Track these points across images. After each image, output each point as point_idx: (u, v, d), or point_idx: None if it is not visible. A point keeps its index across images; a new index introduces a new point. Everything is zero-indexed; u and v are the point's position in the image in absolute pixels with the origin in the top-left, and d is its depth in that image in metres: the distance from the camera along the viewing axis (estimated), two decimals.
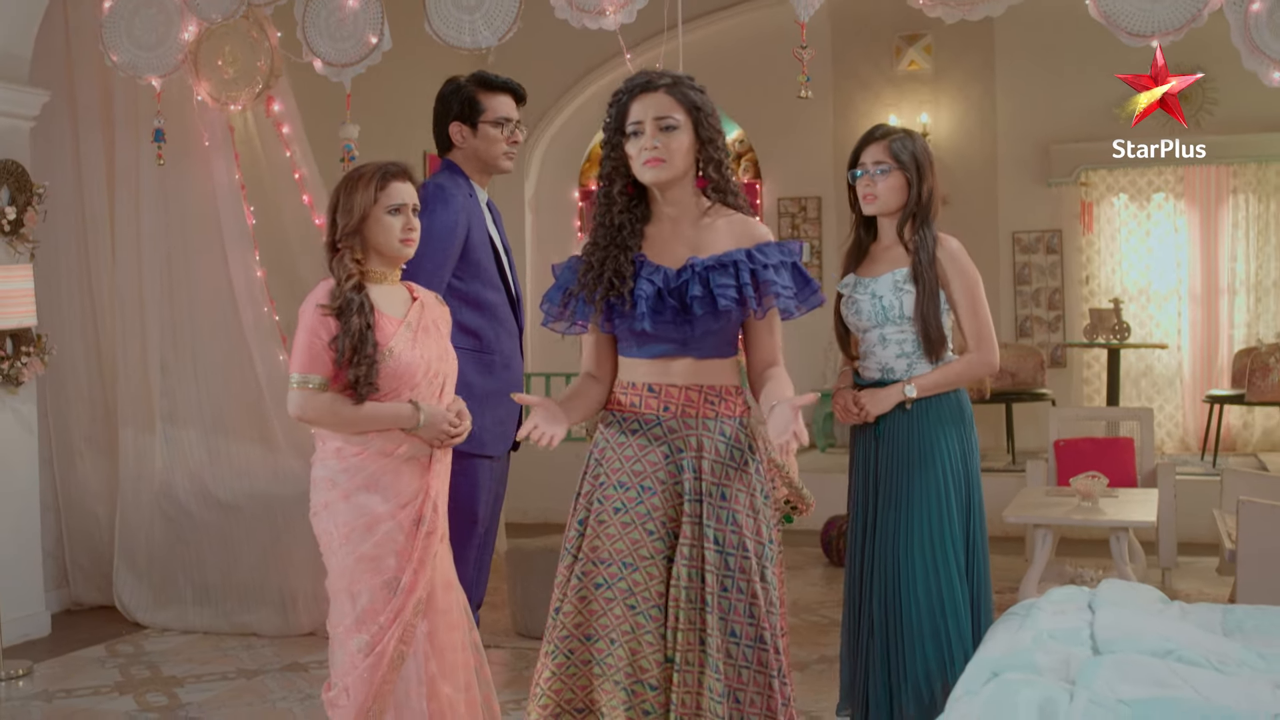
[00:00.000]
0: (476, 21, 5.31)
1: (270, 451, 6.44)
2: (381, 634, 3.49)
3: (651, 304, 3.08)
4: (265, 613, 6.31)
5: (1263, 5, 4.53)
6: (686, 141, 3.13)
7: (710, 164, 3.18)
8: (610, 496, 3.13)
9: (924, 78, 10.31)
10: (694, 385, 3.14)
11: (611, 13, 5.16)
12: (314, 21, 5.57)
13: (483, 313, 4.07)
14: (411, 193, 3.59)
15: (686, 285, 3.08)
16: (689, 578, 3.04)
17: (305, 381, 3.52)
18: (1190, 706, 2.36)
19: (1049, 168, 10.04)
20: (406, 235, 3.56)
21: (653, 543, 3.08)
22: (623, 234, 3.16)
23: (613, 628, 3.07)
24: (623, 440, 3.16)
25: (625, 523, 3.10)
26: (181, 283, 6.66)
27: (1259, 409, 9.71)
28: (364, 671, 3.48)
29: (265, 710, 5.13)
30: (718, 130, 3.19)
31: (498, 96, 4.18)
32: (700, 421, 3.12)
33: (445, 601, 3.61)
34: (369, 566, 3.52)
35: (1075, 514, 5.85)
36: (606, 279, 3.12)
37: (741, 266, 3.08)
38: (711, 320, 3.08)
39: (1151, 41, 4.66)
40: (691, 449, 3.10)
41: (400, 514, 3.53)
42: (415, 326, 3.58)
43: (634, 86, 3.16)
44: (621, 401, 3.21)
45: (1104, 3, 4.66)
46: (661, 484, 3.10)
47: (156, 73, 5.94)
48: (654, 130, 3.11)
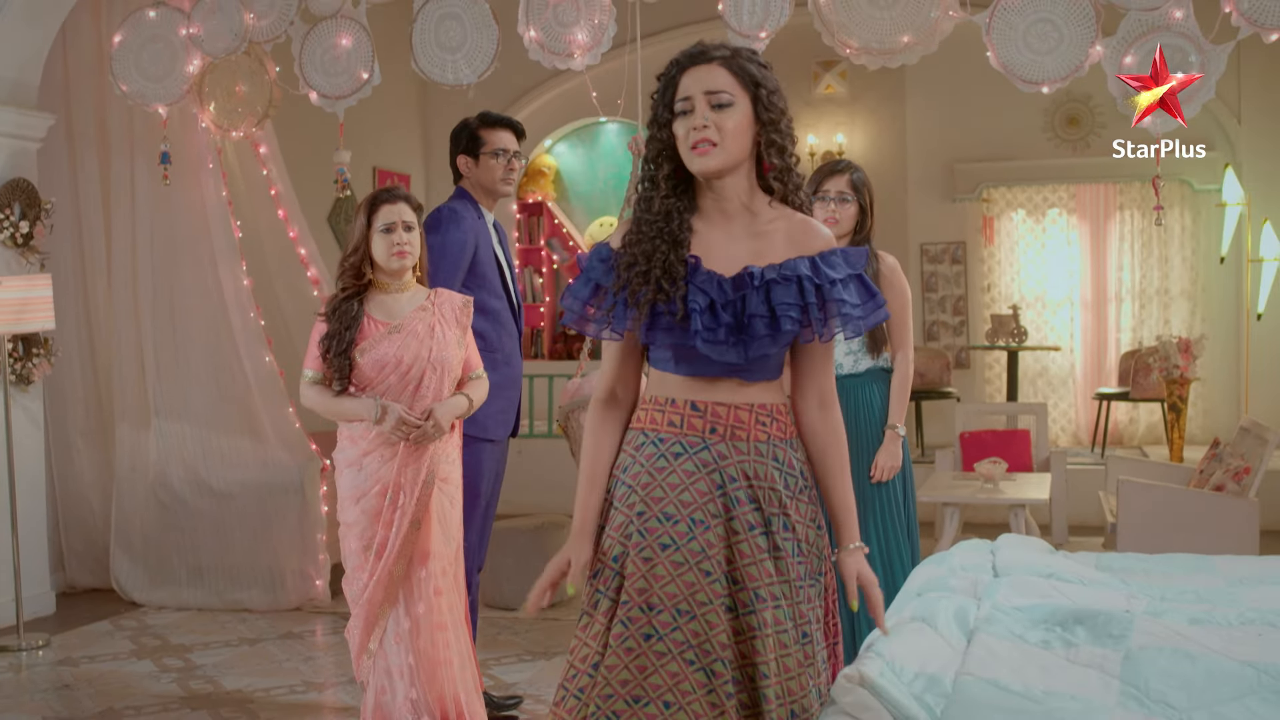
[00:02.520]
0: (458, 60, 6.02)
1: (259, 444, 7.08)
2: (363, 589, 4.26)
3: (706, 319, 2.62)
4: (256, 590, 6.95)
5: (1134, 59, 5.37)
6: (743, 121, 2.65)
7: (773, 149, 2.69)
8: (654, 530, 2.64)
9: (840, 101, 11.13)
10: (744, 404, 2.68)
11: (579, 55, 5.89)
12: (310, 58, 6.23)
13: (488, 317, 4.80)
14: (400, 211, 4.28)
15: (745, 299, 2.63)
16: (757, 629, 2.60)
17: (305, 375, 4.31)
18: (1064, 607, 3.16)
19: (954, 185, 10.89)
20: (397, 249, 4.27)
21: (710, 585, 2.60)
22: (671, 224, 2.69)
23: (665, 688, 2.56)
24: (663, 465, 2.67)
25: (677, 562, 2.61)
26: (174, 290, 7.27)
27: (1142, 405, 10.65)
28: (357, 618, 4.29)
29: (274, 668, 5.79)
30: (782, 111, 2.70)
31: (497, 131, 4.92)
32: (752, 445, 2.67)
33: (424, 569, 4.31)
34: (353, 530, 4.30)
35: (979, 494, 6.68)
36: (654, 280, 2.64)
37: (806, 283, 2.63)
38: (770, 342, 2.63)
39: (1041, 88, 5.48)
40: (744, 478, 2.66)
41: (374, 490, 4.25)
42: (403, 329, 4.28)
43: (685, 58, 2.72)
44: (658, 420, 2.71)
45: (1002, 55, 5.48)
46: (715, 517, 2.63)
47: (162, 101, 6.56)
48: (705, 107, 2.64)
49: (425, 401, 4.25)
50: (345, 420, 4.28)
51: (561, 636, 6.22)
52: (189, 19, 6.42)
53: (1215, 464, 7.02)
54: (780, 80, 2.72)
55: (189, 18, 6.43)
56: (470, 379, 4.43)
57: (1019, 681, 2.67)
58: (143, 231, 7.25)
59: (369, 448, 4.25)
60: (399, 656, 4.26)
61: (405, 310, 4.30)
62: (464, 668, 4.34)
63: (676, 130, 2.67)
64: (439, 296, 4.37)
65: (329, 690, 5.50)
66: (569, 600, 6.94)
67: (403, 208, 4.27)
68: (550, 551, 6.86)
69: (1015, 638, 2.99)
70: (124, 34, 6.58)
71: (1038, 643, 2.96)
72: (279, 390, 7.18)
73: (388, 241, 4.24)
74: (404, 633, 4.26)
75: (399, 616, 4.26)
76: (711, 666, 2.57)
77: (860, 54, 5.65)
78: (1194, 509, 6.45)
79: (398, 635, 4.27)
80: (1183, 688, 2.66)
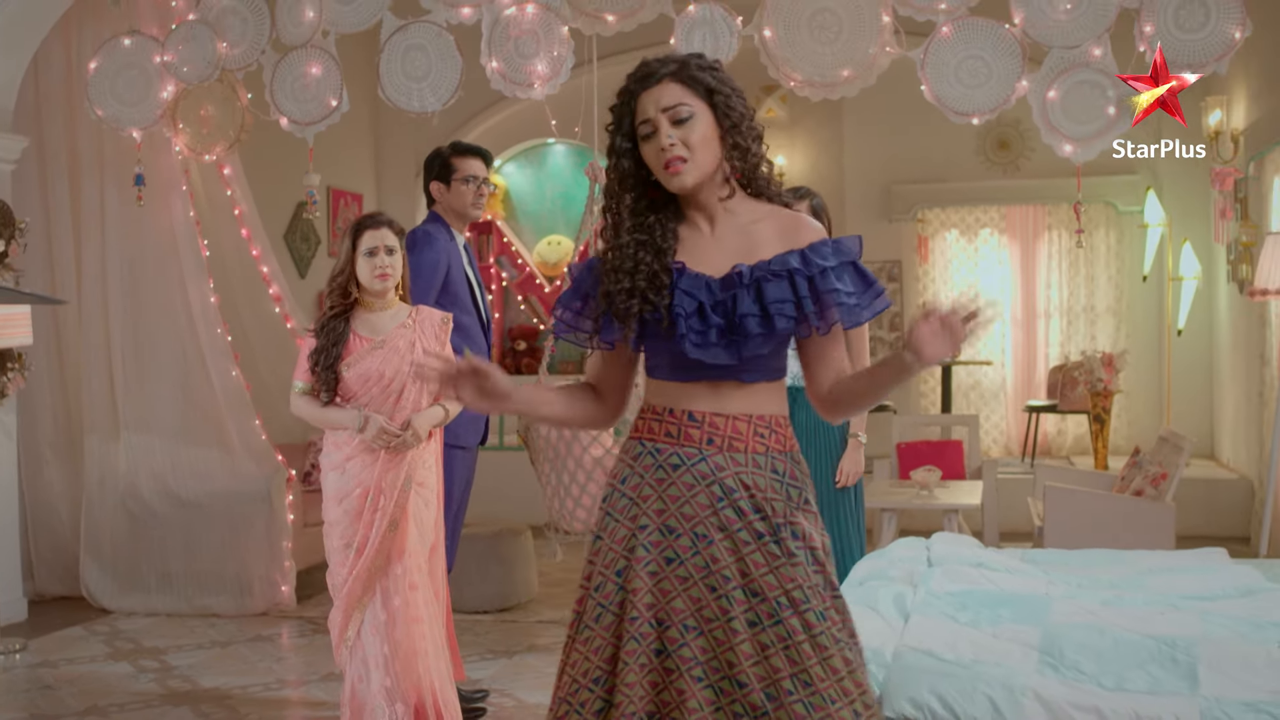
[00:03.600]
0: (424, 89, 6.33)
1: (228, 455, 7.35)
2: (343, 583, 4.57)
3: (694, 323, 2.61)
4: (224, 596, 7.21)
5: (1057, 93, 5.78)
6: (707, 131, 2.63)
7: (735, 152, 2.66)
8: (658, 543, 2.63)
9: (780, 124, 11.53)
10: (743, 415, 2.66)
11: (539, 85, 6.23)
12: (281, 85, 6.52)
13: (459, 332, 5.13)
14: (382, 236, 4.61)
15: (735, 299, 2.61)
16: (788, 637, 2.54)
17: (295, 386, 4.64)
18: (992, 592, 3.54)
19: (890, 206, 11.31)
20: (379, 272, 4.60)
21: (717, 601, 2.57)
22: (654, 235, 2.67)
23: (674, 704, 2.56)
24: (662, 477, 2.65)
25: (683, 577, 2.60)
26: (143, 307, 7.52)
27: (1070, 417, 11.12)
28: (337, 609, 4.60)
29: (248, 668, 6.06)
30: (742, 113, 2.67)
31: (467, 159, 5.27)
32: (750, 457, 2.65)
33: (401, 566, 4.63)
34: (335, 529, 4.62)
35: (915, 500, 7.08)
36: (639, 291, 2.63)
37: (798, 275, 2.61)
38: (764, 341, 2.62)
39: (972, 119, 5.89)
40: (744, 489, 2.62)
41: (355, 493, 4.57)
42: (386, 345, 4.61)
43: (635, 82, 2.68)
44: (655, 430, 2.70)
45: (935, 88, 5.88)
46: (719, 531, 2.60)
47: (137, 125, 6.83)
48: (667, 125, 2.62)
49: (405, 412, 4.57)
50: (331, 428, 4.59)
51: (520, 637, 6.55)
52: (163, 47, 6.70)
53: (1135, 471, 7.46)
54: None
55: (163, 46, 6.70)
56: None
57: (950, 652, 3.04)
58: (112, 250, 7.49)
59: (352, 453, 4.56)
60: (375, 646, 4.56)
61: (388, 327, 4.61)
62: (438, 658, 4.65)
63: (645, 155, 2.65)
64: (420, 314, 4.69)
65: (303, 687, 5.79)
66: (526, 603, 7.27)
67: (385, 232, 4.59)
68: (508, 557, 7.19)
69: (947, 617, 3.37)
70: (100, 61, 6.85)
71: (967, 621, 3.34)
72: (246, 403, 7.45)
73: (371, 264, 4.56)
74: (380, 624, 4.56)
75: (376, 609, 4.56)
76: (719, 684, 2.54)
77: (804, 86, 6.03)
78: (1115, 513, 6.88)
79: (374, 626, 4.57)
80: (1093, 657, 3.04)
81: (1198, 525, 8.58)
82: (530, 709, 5.36)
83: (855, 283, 2.62)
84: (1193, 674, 2.93)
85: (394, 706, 4.53)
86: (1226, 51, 5.60)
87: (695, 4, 6.02)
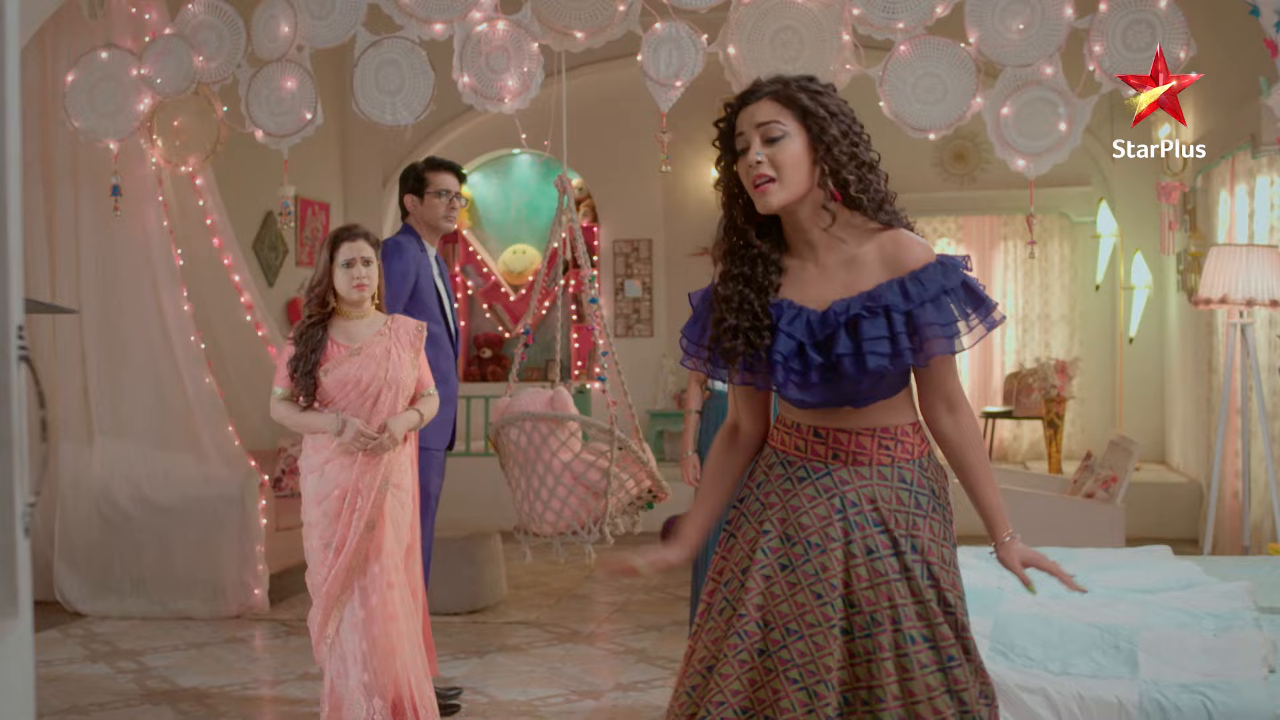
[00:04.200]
0: (397, 103, 6.49)
1: (201, 461, 7.47)
2: (323, 582, 4.72)
3: (793, 365, 2.65)
4: (197, 599, 7.33)
5: (1010, 110, 6.00)
6: (798, 151, 2.63)
7: (833, 175, 2.64)
8: (776, 549, 2.70)
9: None
10: (865, 429, 2.68)
11: (509, 99, 6.40)
12: (256, 98, 6.67)
13: (427, 341, 5.29)
14: (359, 248, 4.78)
15: (834, 338, 2.62)
16: (873, 653, 2.58)
17: (275, 392, 4.79)
18: None
19: None
20: (355, 282, 4.77)
21: (821, 608, 2.61)
22: (757, 269, 2.70)
23: (768, 703, 2.62)
24: (789, 488, 2.72)
25: (792, 583, 2.66)
26: (117, 315, 7.64)
27: (1025, 423, 11.37)
28: (317, 608, 4.75)
29: (224, 668, 6.19)
30: (843, 133, 2.66)
31: (440, 174, 5.45)
32: (875, 470, 2.68)
33: (378, 565, 4.79)
34: (314, 530, 4.77)
35: None
36: (742, 330, 2.68)
37: (894, 311, 2.59)
38: (859, 380, 2.63)
39: (929, 135, 6.10)
40: (867, 501, 2.67)
41: (333, 494, 4.73)
42: (362, 352, 4.77)
43: (739, 99, 2.74)
44: (787, 443, 2.77)
45: (893, 105, 6.08)
46: (833, 541, 2.64)
47: (114, 137, 6.95)
48: (758, 142, 2.64)
49: (381, 416, 4.73)
50: (310, 432, 4.75)
51: (491, 637, 6.70)
52: (140, 60, 6.83)
53: (1087, 474, 7.70)
54: (686, 114, 3.03)
55: (140, 59, 6.83)
56: (422, 395, 4.92)
57: None
58: (87, 259, 7.61)
59: (330, 456, 4.71)
60: (353, 643, 4.71)
61: (365, 335, 4.78)
62: (414, 654, 4.80)
63: (740, 171, 2.67)
64: (395, 322, 4.86)
65: (280, 686, 5.92)
66: (495, 605, 7.42)
67: (361, 244, 4.76)
68: (478, 560, 7.34)
69: None
70: (77, 73, 6.97)
71: None
72: (219, 409, 7.58)
73: (348, 275, 4.72)
74: (358, 621, 4.72)
75: (354, 607, 4.72)
76: (814, 688, 2.56)
77: None
78: (1067, 514, 7.10)
79: (353, 624, 4.72)
80: (1041, 644, 3.24)
81: (1149, 527, 8.82)
82: (502, 705, 5.52)
83: (961, 306, 2.60)
84: (1133, 659, 3.14)
85: (372, 701, 4.68)
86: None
87: (662, 22, 6.21)
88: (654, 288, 11.96)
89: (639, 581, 8.11)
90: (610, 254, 12.01)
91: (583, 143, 11.28)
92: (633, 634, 6.80)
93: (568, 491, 5.95)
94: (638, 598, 7.67)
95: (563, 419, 5.98)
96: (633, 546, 8.80)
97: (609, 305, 11.80)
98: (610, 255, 12.01)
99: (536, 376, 11.42)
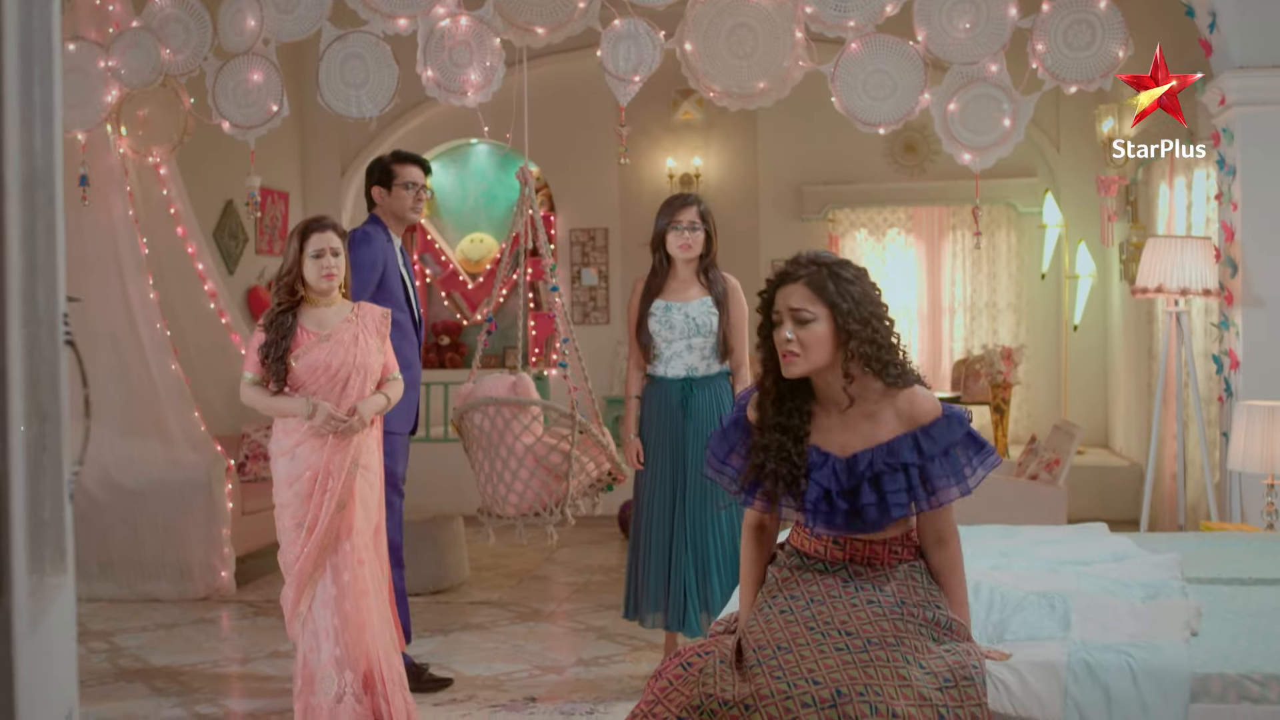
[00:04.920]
0: (362, 96, 6.63)
1: (168, 446, 7.61)
2: (295, 560, 4.88)
3: (822, 506, 3.10)
4: (164, 582, 7.47)
5: (957, 106, 6.23)
6: (823, 333, 3.08)
7: (853, 359, 3.10)
8: (778, 602, 3.16)
9: (697, 126, 11.95)
10: (879, 540, 3.15)
11: (471, 93, 6.57)
12: (223, 90, 6.79)
13: (394, 329, 5.47)
14: (328, 239, 4.94)
15: (859, 488, 3.08)
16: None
17: (245, 377, 4.94)
18: None
19: (802, 206, 11.77)
20: (324, 272, 4.93)
21: (811, 635, 3.03)
22: (792, 420, 3.14)
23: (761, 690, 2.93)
24: (808, 577, 3.20)
25: (789, 620, 3.08)
26: (84, 303, 7.73)
27: (974, 408, 11.62)
28: (289, 585, 4.90)
29: (194, 647, 6.35)
30: (863, 319, 3.09)
31: (407, 167, 5.62)
32: (886, 567, 3.17)
33: (349, 543, 4.96)
34: (286, 510, 4.93)
35: None
36: (780, 475, 3.13)
37: (911, 467, 3.06)
38: (879, 524, 3.11)
39: (879, 129, 6.31)
40: (875, 584, 3.14)
41: (305, 476, 4.89)
42: (331, 339, 4.94)
43: (779, 276, 3.17)
44: (806, 546, 3.24)
45: (844, 100, 6.30)
46: (834, 597, 3.12)
47: (81, 128, 7.06)
48: (790, 322, 3.10)
49: (350, 400, 4.90)
50: (280, 416, 4.90)
51: (455, 616, 6.90)
52: (107, 52, 6.94)
53: (1031, 457, 7.96)
54: (641, 107, 3.39)
55: (107, 51, 6.95)
56: (388, 380, 5.09)
57: None
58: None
59: (301, 439, 4.88)
60: (325, 619, 4.88)
61: (333, 322, 4.94)
62: (383, 628, 4.98)
63: (774, 337, 3.14)
64: (361, 310, 5.03)
65: (250, 664, 6.09)
66: (459, 585, 7.60)
67: (330, 235, 4.92)
68: (442, 542, 7.52)
69: None
70: None
71: None
72: (185, 396, 7.71)
73: (318, 265, 4.89)
74: (330, 598, 4.89)
75: (326, 584, 4.88)
76: (794, 681, 2.91)
77: (722, 97, 6.42)
78: (1011, 496, 7.36)
79: (324, 600, 4.89)
80: (982, 609, 3.46)
81: (1091, 509, 9.10)
82: (469, 680, 5.71)
83: (963, 458, 3.09)
84: (1066, 623, 3.37)
85: (343, 674, 4.85)
86: (1111, 69, 6.07)
87: (621, 18, 6.39)
88: (610, 276, 12.14)
89: (597, 563, 8.32)
90: (567, 243, 12.18)
91: (540, 133, 11.31)
92: (592, 612, 7.01)
93: (530, 474, 6.12)
94: (596, 579, 7.87)
95: (525, 404, 6.16)
96: (593, 528, 9.01)
97: (566, 293, 11.97)
98: (567, 244, 12.17)
99: (494, 364, 11.58)
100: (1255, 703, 3.09)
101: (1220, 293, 6.55)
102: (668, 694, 3.00)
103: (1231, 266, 6.40)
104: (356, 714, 4.84)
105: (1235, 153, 6.41)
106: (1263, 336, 6.33)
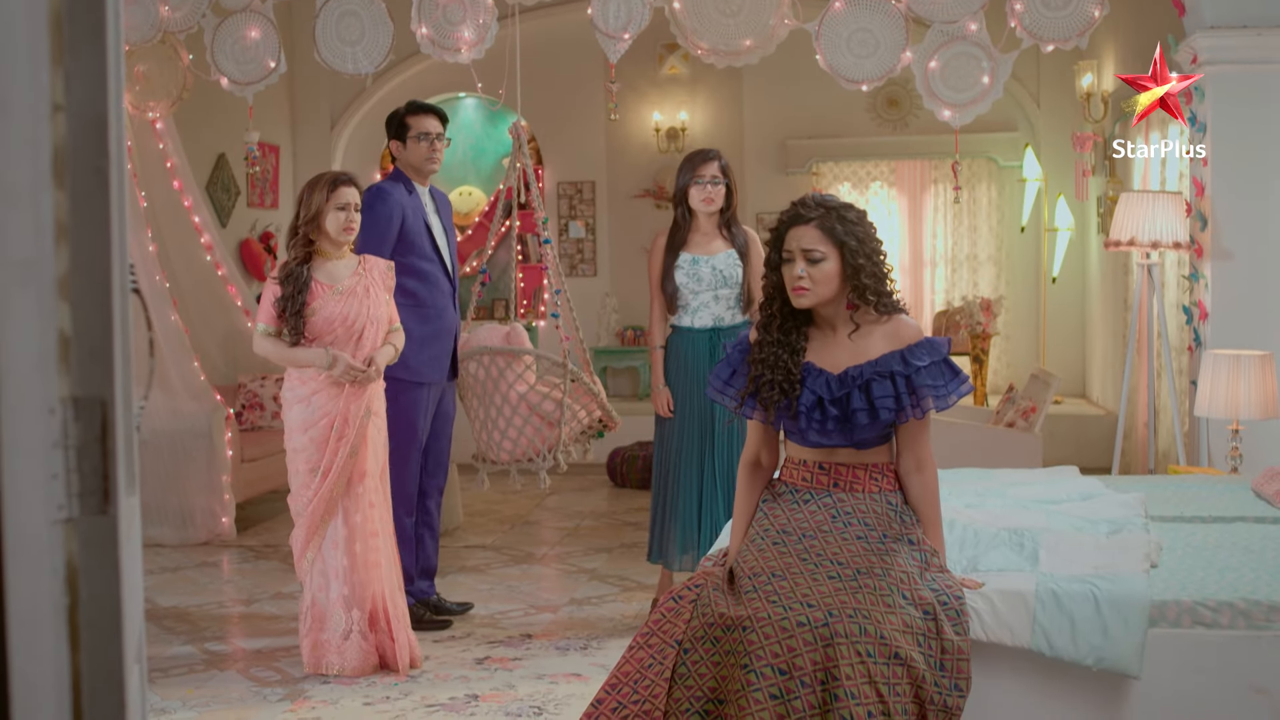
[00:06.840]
0: (358, 53, 6.79)
1: (169, 395, 7.79)
2: (307, 505, 5.09)
3: (815, 414, 3.37)
4: (167, 527, 7.68)
5: (937, 64, 6.41)
6: (832, 270, 3.39)
7: (856, 291, 3.41)
8: (770, 535, 3.41)
9: (683, 81, 12.08)
10: (860, 465, 3.44)
11: (465, 50, 6.73)
12: (221, 47, 6.94)
13: (419, 278, 5.68)
14: (354, 195, 5.15)
15: (848, 397, 3.36)
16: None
17: (259, 329, 5.12)
18: None
19: (786, 160, 11.92)
20: (348, 225, 5.13)
21: (804, 565, 3.28)
22: (790, 337, 3.45)
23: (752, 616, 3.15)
24: (794, 506, 3.46)
25: (782, 551, 3.33)
26: None
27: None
28: (300, 528, 5.13)
29: (199, 589, 6.57)
30: (867, 255, 3.42)
31: (421, 117, 5.81)
32: (866, 495, 3.43)
33: (361, 486, 5.18)
34: (300, 455, 5.14)
35: None
36: (776, 385, 3.40)
37: (898, 376, 3.36)
38: (870, 429, 3.38)
39: (861, 86, 6.50)
40: (858, 513, 3.40)
41: (321, 422, 5.10)
42: (345, 292, 5.13)
43: (789, 218, 3.46)
44: (795, 476, 3.52)
45: (828, 58, 6.48)
46: (823, 531, 3.38)
47: None
48: (801, 260, 3.39)
49: (365, 350, 5.12)
50: (298, 366, 5.09)
51: (450, 560, 7.12)
52: None
53: (1009, 406, 8.20)
54: (628, 61, 3.54)
55: None
56: (393, 330, 5.29)
57: None
58: None
59: (317, 387, 5.07)
60: (335, 559, 5.10)
61: (344, 275, 5.14)
62: (390, 569, 5.21)
63: (784, 273, 3.44)
64: (367, 262, 5.22)
65: (254, 604, 6.31)
66: (453, 530, 7.82)
67: (354, 191, 5.13)
68: None
69: None
70: None
71: None
72: (185, 346, 7.89)
73: (342, 218, 5.08)
74: (340, 539, 5.10)
75: (337, 526, 5.10)
76: (792, 605, 3.14)
77: (709, 54, 6.60)
78: (988, 442, 7.60)
79: (335, 541, 5.11)
80: (955, 545, 3.69)
81: (1066, 457, 9.32)
82: (466, 618, 5.94)
83: (943, 375, 3.41)
84: (1035, 556, 3.60)
85: (350, 613, 5.08)
86: (1087, 28, 6.25)
87: None
88: (597, 229, 12.29)
89: (586, 509, 8.55)
90: (555, 195, 12.31)
91: (528, 87, 11.52)
92: (583, 555, 7.24)
93: (524, 421, 6.35)
94: (586, 524, 8.11)
95: (519, 353, 6.38)
96: (582, 474, 9.23)
97: (554, 245, 12.12)
98: (555, 197, 12.31)
99: (484, 315, 11.76)
100: (1208, 627, 3.34)
101: (1190, 246, 6.76)
102: (661, 625, 3.25)
103: (1201, 220, 6.62)
104: (362, 650, 5.08)
105: (1206, 110, 6.60)
106: (1231, 288, 6.55)
